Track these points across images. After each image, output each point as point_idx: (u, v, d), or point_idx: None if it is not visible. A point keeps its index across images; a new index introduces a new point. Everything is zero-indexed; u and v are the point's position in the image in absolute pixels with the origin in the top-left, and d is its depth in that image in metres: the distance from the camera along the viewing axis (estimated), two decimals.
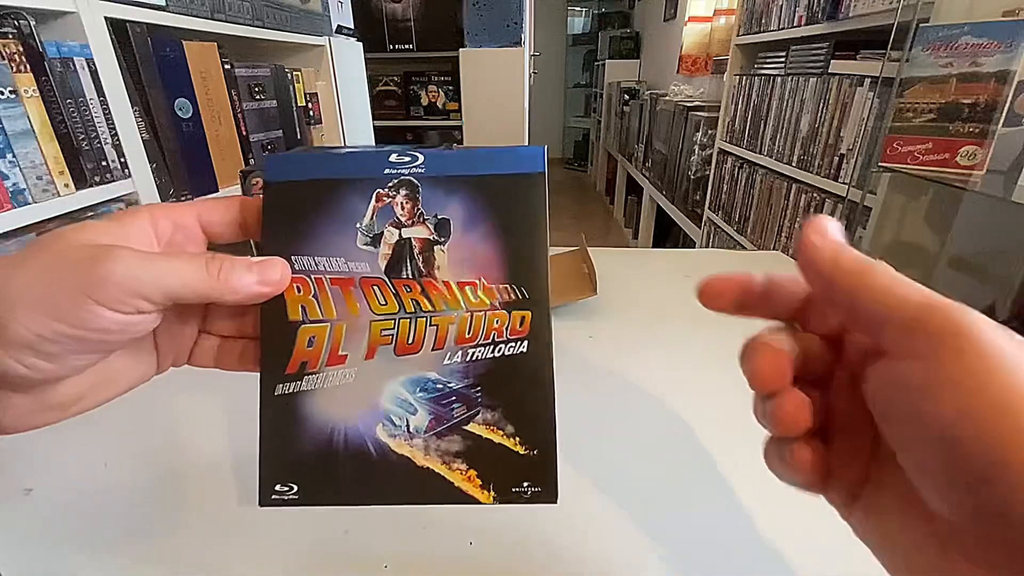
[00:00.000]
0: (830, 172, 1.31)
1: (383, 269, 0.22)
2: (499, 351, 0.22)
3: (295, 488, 0.22)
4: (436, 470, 0.22)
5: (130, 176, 0.81)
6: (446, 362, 0.22)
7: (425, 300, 0.22)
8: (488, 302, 0.22)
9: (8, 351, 0.16)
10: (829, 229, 0.17)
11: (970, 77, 0.85)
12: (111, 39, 0.77)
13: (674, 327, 0.53)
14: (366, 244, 0.22)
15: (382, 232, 0.22)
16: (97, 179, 0.76)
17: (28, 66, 0.65)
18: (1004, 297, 0.93)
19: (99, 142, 0.76)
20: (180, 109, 0.92)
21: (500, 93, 2.17)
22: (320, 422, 0.22)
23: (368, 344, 0.22)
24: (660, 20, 3.48)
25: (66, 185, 0.71)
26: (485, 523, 0.30)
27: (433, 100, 2.30)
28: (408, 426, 0.22)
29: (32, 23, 0.65)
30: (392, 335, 0.22)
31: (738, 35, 1.89)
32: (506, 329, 0.22)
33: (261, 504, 0.21)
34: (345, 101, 1.54)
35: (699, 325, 0.54)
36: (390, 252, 0.22)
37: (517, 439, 0.22)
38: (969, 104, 0.86)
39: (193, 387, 0.44)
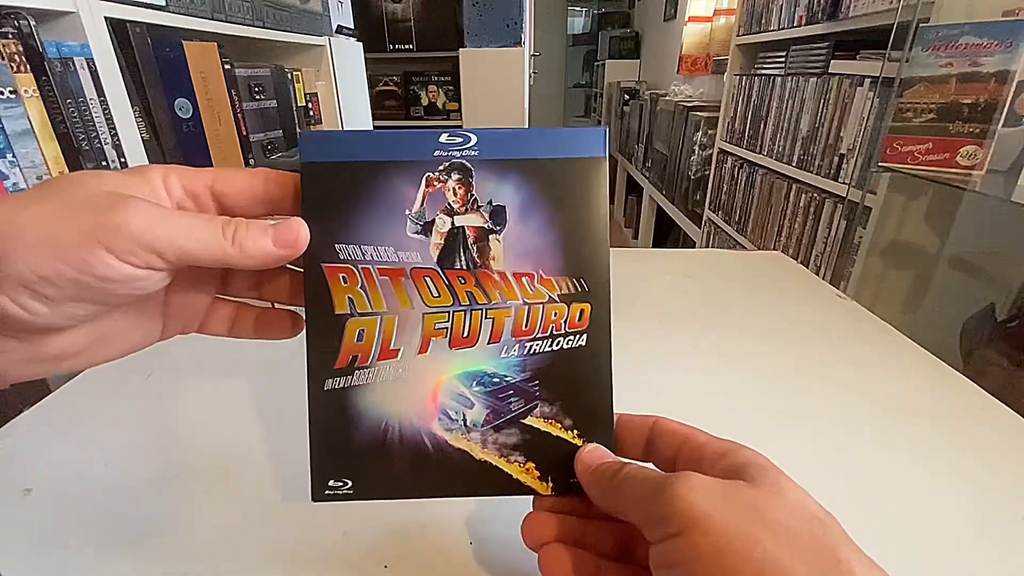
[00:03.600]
0: (830, 172, 1.31)
1: (435, 259, 0.21)
2: (557, 344, 0.21)
3: (350, 483, 0.22)
4: (494, 463, 0.22)
5: None
6: (503, 355, 0.21)
7: (480, 292, 0.21)
8: (546, 294, 0.21)
9: (4, 288, 0.16)
10: (594, 459, 0.21)
11: (970, 77, 0.85)
12: (111, 39, 0.77)
13: (674, 327, 0.53)
14: (416, 232, 0.21)
15: (433, 220, 0.21)
16: None
17: (28, 66, 0.65)
18: (1004, 297, 0.92)
19: (99, 142, 0.76)
20: (180, 109, 0.92)
21: (500, 93, 2.16)
22: (373, 417, 0.21)
23: (421, 338, 0.21)
24: (660, 20, 3.47)
25: None
26: (485, 523, 0.30)
27: (433, 100, 2.30)
28: (465, 420, 0.21)
29: (32, 23, 0.65)
30: (446, 328, 0.21)
31: (738, 35, 1.89)
32: (564, 322, 0.21)
33: (315, 499, 0.21)
34: (345, 101, 1.54)
35: (699, 325, 0.54)
36: (442, 241, 0.21)
37: (575, 432, 0.22)
38: (969, 104, 0.86)
39: (193, 386, 0.44)
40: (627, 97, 3.57)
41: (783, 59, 1.59)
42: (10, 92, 0.63)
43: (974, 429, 0.39)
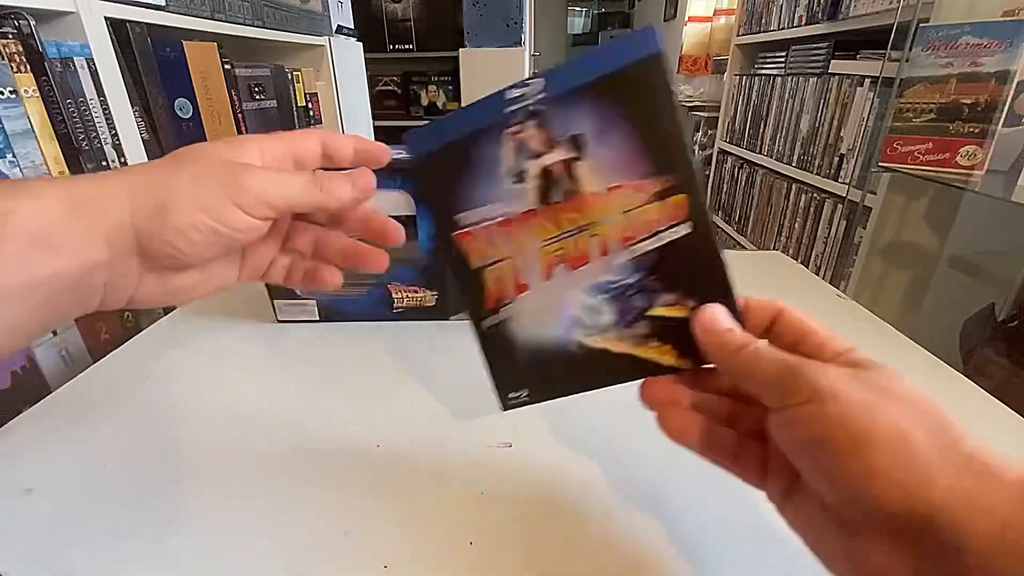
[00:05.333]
0: (830, 172, 1.31)
1: (536, 201, 0.24)
2: (662, 239, 0.23)
3: (526, 391, 0.26)
4: (633, 353, 0.24)
5: None
6: (616, 262, 0.24)
7: (581, 216, 0.23)
8: (640, 198, 0.23)
9: (166, 234, 0.21)
10: (716, 322, 0.22)
11: (970, 77, 0.85)
12: (111, 39, 0.77)
13: None
14: (514, 183, 0.24)
15: (525, 168, 0.23)
16: None
17: (28, 66, 0.65)
18: (1004, 297, 0.93)
19: (99, 142, 0.76)
20: (180, 109, 0.92)
21: None
22: (527, 338, 0.25)
23: (542, 268, 0.24)
24: (660, 20, 3.48)
25: None
26: (485, 523, 0.30)
27: (433, 100, 2.30)
28: (598, 324, 0.24)
29: (32, 23, 0.65)
30: (561, 255, 0.24)
31: (738, 35, 1.89)
32: (665, 217, 0.23)
33: (503, 409, 0.26)
34: (345, 101, 1.54)
35: None
36: (537, 183, 0.23)
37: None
38: (969, 104, 0.86)
39: (192, 385, 0.44)
40: None
41: (783, 59, 1.59)
42: (10, 92, 0.63)
43: (974, 429, 0.39)
